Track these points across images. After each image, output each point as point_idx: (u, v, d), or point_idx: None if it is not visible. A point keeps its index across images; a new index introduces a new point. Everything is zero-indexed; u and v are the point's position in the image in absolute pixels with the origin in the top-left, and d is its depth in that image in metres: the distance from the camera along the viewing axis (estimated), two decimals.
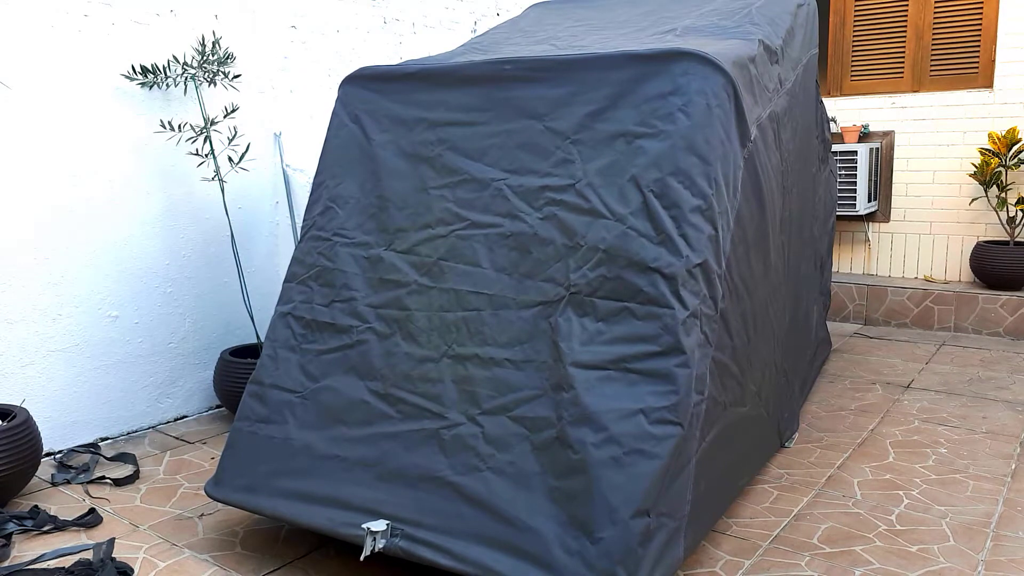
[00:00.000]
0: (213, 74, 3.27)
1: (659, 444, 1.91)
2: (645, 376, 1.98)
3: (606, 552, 1.82)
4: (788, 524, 2.41)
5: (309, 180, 3.66)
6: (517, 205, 2.27)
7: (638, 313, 2.04)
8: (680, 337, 1.99)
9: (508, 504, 1.95)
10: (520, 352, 2.12)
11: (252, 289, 3.54)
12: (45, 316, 2.98)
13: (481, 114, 2.40)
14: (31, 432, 2.57)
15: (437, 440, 2.10)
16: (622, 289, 2.07)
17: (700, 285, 2.06)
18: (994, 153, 4.70)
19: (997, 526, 2.38)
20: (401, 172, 2.46)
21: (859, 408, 3.45)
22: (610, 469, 1.90)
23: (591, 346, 2.05)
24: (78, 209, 3.05)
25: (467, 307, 2.23)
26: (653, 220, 2.09)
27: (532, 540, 1.89)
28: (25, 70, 2.88)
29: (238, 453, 2.32)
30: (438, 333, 2.23)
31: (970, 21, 4.94)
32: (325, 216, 2.53)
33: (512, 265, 2.22)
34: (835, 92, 5.40)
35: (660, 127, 2.16)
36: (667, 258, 2.05)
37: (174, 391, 3.42)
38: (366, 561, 2.21)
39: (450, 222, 2.33)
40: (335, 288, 2.42)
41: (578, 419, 1.97)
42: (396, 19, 4.29)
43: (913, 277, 5.26)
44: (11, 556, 2.28)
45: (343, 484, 2.13)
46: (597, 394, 1.99)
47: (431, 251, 2.33)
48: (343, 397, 2.26)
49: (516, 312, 2.17)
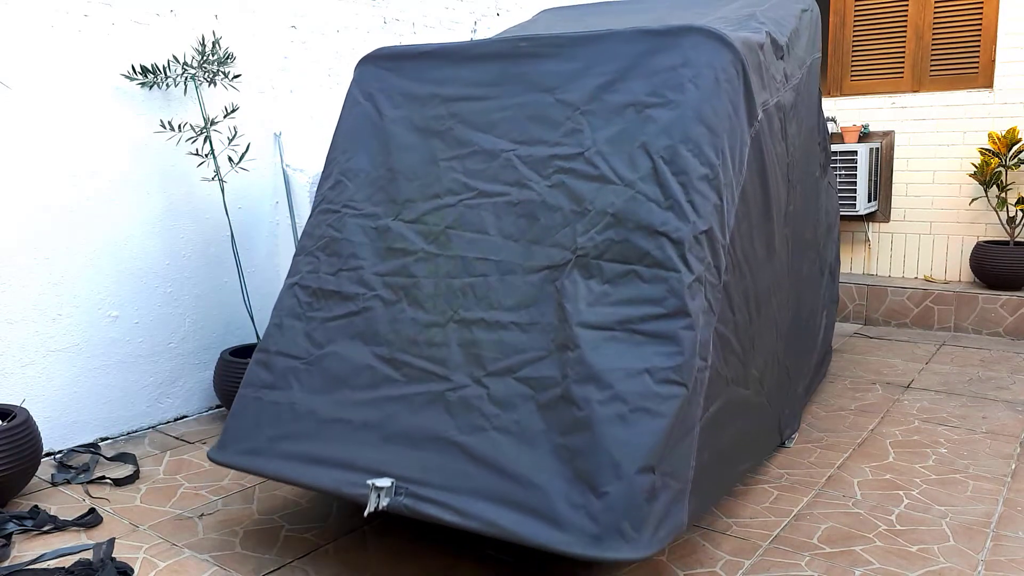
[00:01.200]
0: (213, 74, 3.27)
1: (664, 403, 1.92)
2: (650, 337, 2.00)
3: (611, 506, 1.81)
4: (788, 524, 2.41)
5: (309, 180, 3.66)
6: (525, 174, 2.29)
7: (644, 276, 2.06)
8: (686, 300, 2.01)
9: (513, 461, 1.94)
10: (526, 315, 2.13)
11: (252, 289, 3.54)
12: (45, 316, 2.98)
13: (493, 88, 2.43)
14: (31, 432, 2.57)
15: (442, 402, 2.10)
16: (629, 252, 2.09)
17: (705, 252, 2.09)
18: (994, 153, 4.70)
19: (997, 526, 2.38)
20: (412, 145, 2.48)
21: (859, 408, 3.45)
22: (615, 426, 1.90)
23: (597, 307, 2.06)
24: (78, 209, 3.05)
25: (473, 273, 2.24)
26: (662, 185, 2.12)
27: (537, 496, 1.88)
28: (25, 70, 2.88)
29: (242, 419, 2.32)
30: (444, 299, 2.24)
31: (970, 21, 4.94)
32: (335, 190, 2.56)
33: (519, 232, 2.24)
34: (835, 92, 5.40)
35: (670, 96, 2.20)
36: (674, 223, 2.07)
37: (174, 391, 3.42)
38: (367, 557, 2.21)
39: (458, 192, 2.35)
40: (342, 257, 2.44)
41: (583, 377, 1.97)
42: (396, 19, 4.29)
43: (913, 277, 5.26)
44: (11, 556, 2.28)
45: (348, 446, 2.12)
46: (602, 354, 1.99)
47: (439, 220, 2.35)
48: (348, 362, 2.26)
49: (523, 277, 2.18)
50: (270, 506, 2.58)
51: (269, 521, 2.48)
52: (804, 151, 3.11)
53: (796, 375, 3.08)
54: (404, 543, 2.32)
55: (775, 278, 2.67)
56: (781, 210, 2.72)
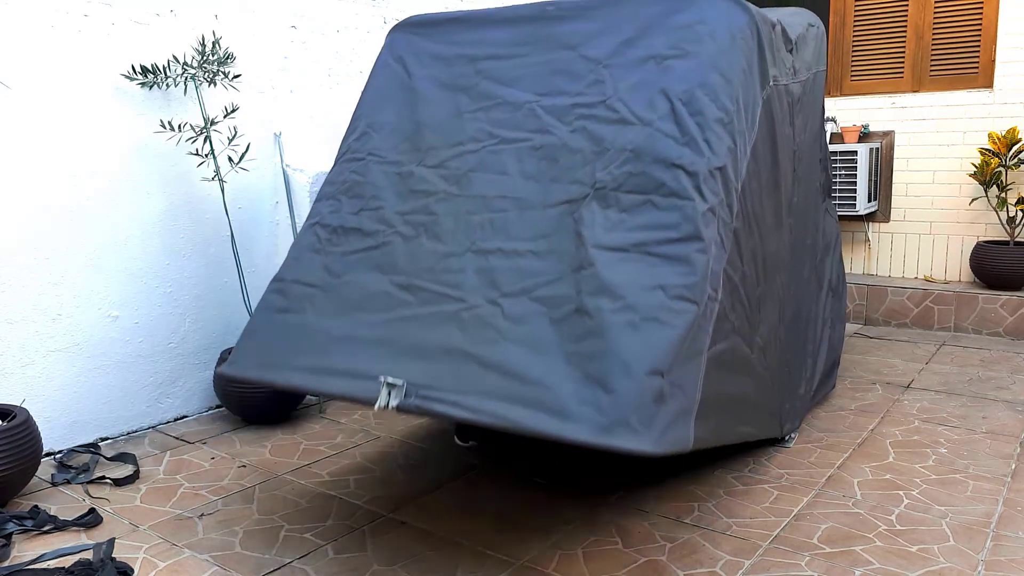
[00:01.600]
0: (213, 74, 3.27)
1: (676, 316, 1.96)
2: (664, 259, 2.06)
3: (620, 402, 1.83)
4: (788, 524, 2.41)
5: (309, 180, 3.66)
6: (548, 122, 2.39)
7: (660, 204, 2.13)
8: (699, 226, 2.08)
9: (524, 367, 1.97)
10: (544, 244, 2.19)
11: (252, 289, 3.54)
12: (45, 316, 2.98)
13: (519, 48, 2.55)
14: (31, 432, 2.57)
15: (456, 320, 2.13)
16: (646, 183, 2.17)
17: (719, 188, 2.17)
18: (994, 153, 4.70)
19: (997, 526, 2.38)
20: (438, 100, 2.59)
21: (859, 408, 3.45)
22: (626, 332, 1.93)
23: (613, 233, 2.13)
24: (78, 209, 3.05)
25: (493, 209, 2.31)
26: (679, 124, 2.22)
27: (547, 394, 1.90)
28: (25, 70, 2.88)
29: (255, 338, 2.34)
30: (463, 232, 2.29)
31: (970, 21, 4.94)
32: (360, 140, 2.65)
33: (540, 172, 2.32)
34: (835, 92, 5.40)
35: (688, 49, 2.32)
36: (690, 156, 2.16)
37: (174, 391, 3.42)
38: (367, 557, 2.21)
39: (481, 140, 2.45)
40: (364, 199, 2.51)
41: (596, 291, 2.02)
42: (396, 19, 4.29)
43: (913, 277, 5.26)
44: (11, 556, 2.28)
45: (360, 358, 2.14)
46: (617, 271, 2.05)
47: (461, 165, 2.43)
48: (364, 289, 2.30)
49: (541, 211, 2.25)
50: (270, 506, 2.58)
51: (269, 521, 2.48)
52: (808, 156, 3.14)
53: (797, 374, 3.08)
54: (404, 543, 2.32)
55: (780, 254, 2.71)
56: (788, 192, 2.78)
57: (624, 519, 2.45)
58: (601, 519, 2.45)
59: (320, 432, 3.28)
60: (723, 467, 2.83)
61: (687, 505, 2.54)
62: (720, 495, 2.61)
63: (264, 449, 3.09)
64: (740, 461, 2.87)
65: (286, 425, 3.35)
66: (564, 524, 2.42)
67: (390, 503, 2.59)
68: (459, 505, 2.57)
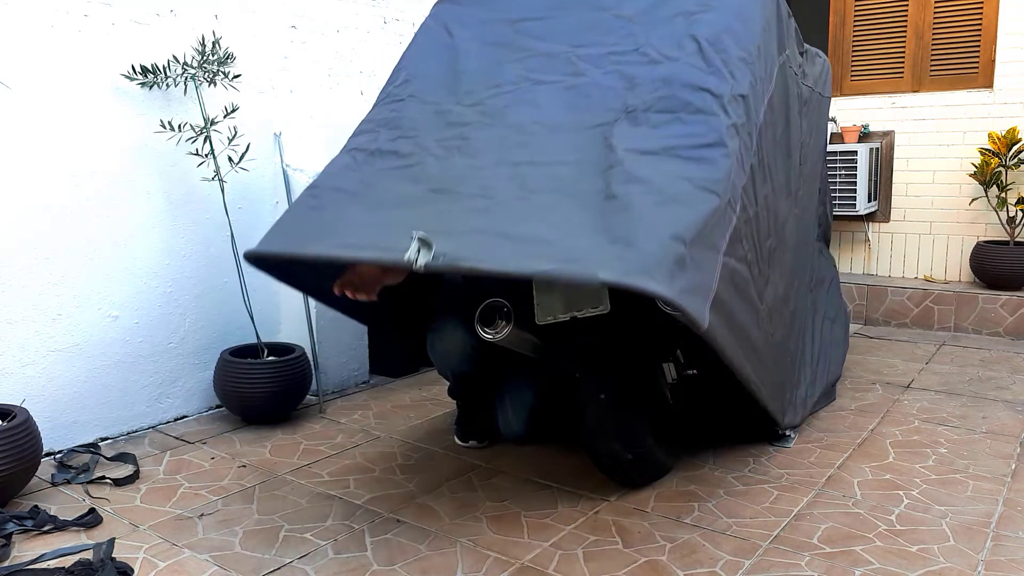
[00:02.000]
0: (213, 74, 3.27)
1: (700, 202, 2.09)
2: (691, 160, 2.19)
3: (643, 256, 1.89)
4: (788, 524, 2.41)
5: (309, 180, 3.65)
6: (582, 67, 2.54)
7: (687, 120, 2.29)
8: (724, 136, 2.23)
9: (552, 235, 2.02)
10: (574, 156, 2.28)
11: (252, 289, 3.53)
12: (45, 316, 2.98)
13: (556, 11, 2.72)
14: (31, 432, 2.57)
15: (486, 211, 2.17)
16: (674, 103, 2.33)
17: (741, 112, 2.33)
18: (994, 153, 4.70)
19: (997, 526, 2.38)
20: (477, 54, 2.74)
21: (859, 408, 3.45)
22: (652, 207, 2.03)
23: (643, 141, 2.26)
24: (78, 209, 3.05)
25: (526, 133, 2.40)
26: (706, 59, 2.40)
27: (573, 250, 1.96)
28: (25, 70, 2.88)
29: (283, 226, 2.38)
30: (496, 151, 2.37)
31: (970, 21, 4.94)
32: (400, 87, 2.77)
33: (573, 104, 2.45)
34: (835, 92, 5.39)
35: (714, 4, 2.53)
36: (716, 82, 2.34)
37: (174, 391, 3.42)
38: (368, 557, 2.21)
39: (518, 82, 2.58)
40: (402, 129, 2.60)
41: (625, 180, 2.12)
42: (396, 19, 4.29)
43: (913, 277, 5.26)
44: (11, 556, 2.28)
45: (391, 237, 2.15)
46: (645, 167, 2.17)
47: (497, 102, 2.54)
48: (398, 194, 2.37)
49: (573, 133, 2.36)
50: (270, 506, 2.58)
51: (269, 521, 2.48)
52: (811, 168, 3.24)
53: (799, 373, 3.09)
54: (404, 543, 2.32)
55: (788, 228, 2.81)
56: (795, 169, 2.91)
57: (624, 519, 2.45)
58: (601, 519, 2.45)
59: (320, 432, 3.28)
60: (723, 467, 2.83)
61: (687, 505, 2.54)
62: (720, 495, 2.61)
63: (264, 449, 3.09)
64: (740, 461, 2.87)
65: (286, 425, 3.35)
66: (564, 524, 2.42)
67: (390, 503, 2.59)
68: (459, 505, 2.57)
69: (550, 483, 2.72)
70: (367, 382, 3.97)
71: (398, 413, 3.51)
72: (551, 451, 2.99)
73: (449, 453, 3.02)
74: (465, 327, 2.73)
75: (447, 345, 2.83)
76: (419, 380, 4.00)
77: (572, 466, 2.84)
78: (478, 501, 2.60)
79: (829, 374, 3.50)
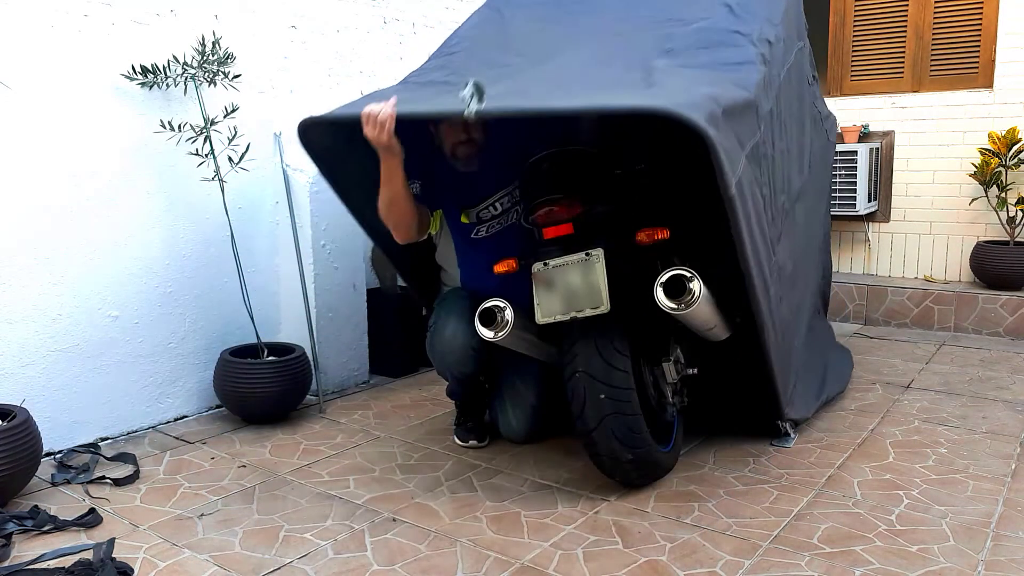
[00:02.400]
0: (213, 74, 3.27)
1: (734, 91, 2.41)
2: (726, 68, 2.55)
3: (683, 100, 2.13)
4: (788, 524, 2.41)
5: (309, 180, 3.65)
6: (624, 28, 2.88)
7: (722, 50, 2.64)
8: (754, 59, 2.59)
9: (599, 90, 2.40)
10: (615, 76, 2.55)
11: (252, 289, 3.53)
12: (45, 316, 2.98)
13: None
14: (31, 432, 2.57)
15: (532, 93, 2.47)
16: (709, 41, 2.67)
17: (767, 52, 2.66)
18: (994, 153, 4.70)
19: (997, 526, 2.38)
20: (526, 24, 3.07)
21: (859, 408, 3.45)
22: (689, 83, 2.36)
23: (683, 62, 2.59)
24: (78, 209, 3.05)
25: (571, 69, 2.65)
26: (736, 15, 2.77)
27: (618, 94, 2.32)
28: (25, 70, 2.88)
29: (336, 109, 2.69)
30: (540, 81, 2.58)
31: (970, 21, 4.94)
32: (452, 47, 3.08)
33: (616, 50, 2.74)
34: (835, 92, 5.40)
35: None
36: (745, 26, 2.71)
37: (174, 391, 3.42)
38: (368, 557, 2.21)
39: (562, 44, 2.88)
40: (451, 69, 2.88)
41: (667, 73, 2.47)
42: (396, 19, 4.29)
43: (913, 277, 5.26)
44: (11, 556, 2.28)
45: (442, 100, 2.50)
46: (683, 72, 2.50)
47: (543, 53, 2.82)
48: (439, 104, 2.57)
49: (617, 67, 2.62)
50: (270, 506, 2.58)
51: (269, 521, 2.48)
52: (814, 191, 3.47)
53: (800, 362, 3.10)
54: (404, 543, 2.32)
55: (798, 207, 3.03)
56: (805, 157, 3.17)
57: (624, 519, 2.45)
58: (601, 519, 2.45)
59: (320, 432, 3.28)
60: (723, 467, 2.83)
61: (687, 505, 2.54)
62: (720, 495, 2.61)
63: (264, 449, 3.09)
64: (740, 461, 2.87)
65: (286, 425, 3.35)
66: (564, 524, 2.42)
67: (390, 503, 2.59)
68: (459, 505, 2.57)
69: (550, 483, 2.72)
70: (367, 382, 3.98)
71: (398, 413, 3.51)
72: (551, 451, 2.99)
73: (449, 453, 3.02)
74: (465, 327, 2.73)
75: (447, 345, 2.83)
76: (419, 380, 4.00)
77: (572, 466, 2.84)
78: (478, 501, 2.60)
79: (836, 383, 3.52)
